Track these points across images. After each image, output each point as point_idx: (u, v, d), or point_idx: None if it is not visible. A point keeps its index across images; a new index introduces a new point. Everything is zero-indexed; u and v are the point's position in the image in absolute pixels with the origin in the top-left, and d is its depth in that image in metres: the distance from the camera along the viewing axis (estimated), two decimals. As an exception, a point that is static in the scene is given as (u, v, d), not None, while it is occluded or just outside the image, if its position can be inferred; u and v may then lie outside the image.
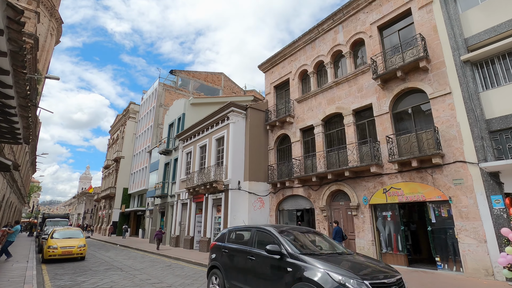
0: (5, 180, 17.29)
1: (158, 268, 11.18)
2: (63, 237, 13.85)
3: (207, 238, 16.37)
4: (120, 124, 47.44)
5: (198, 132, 20.04)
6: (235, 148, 16.14)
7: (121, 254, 16.50)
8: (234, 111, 16.58)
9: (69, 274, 9.84)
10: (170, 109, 26.96)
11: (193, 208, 18.72)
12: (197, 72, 42.18)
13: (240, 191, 15.54)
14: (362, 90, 12.49)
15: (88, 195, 60.19)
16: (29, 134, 10.26)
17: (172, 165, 23.66)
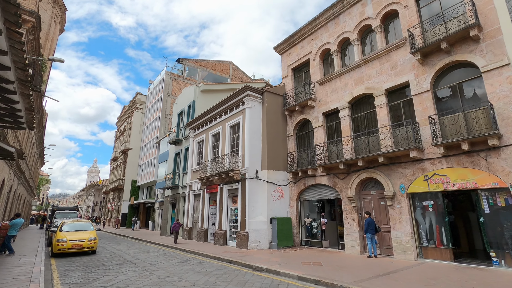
0: (12, 170, 16.57)
1: (175, 263, 10.30)
2: (72, 229, 13.08)
3: (223, 231, 15.48)
4: (127, 115, 46.67)
5: (210, 119, 18.98)
6: (252, 135, 15.06)
7: (133, 247, 15.74)
8: (250, 95, 15.43)
9: (80, 270, 9.01)
10: (179, 97, 25.91)
11: (206, 199, 17.82)
12: (205, 60, 40.94)
13: (258, 180, 14.53)
14: (397, 67, 11.22)
15: (97, 188, 60.10)
16: (32, 118, 9.31)
17: (182, 155, 22.75)
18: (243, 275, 8.18)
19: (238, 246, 13.92)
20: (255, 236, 13.61)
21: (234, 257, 10.86)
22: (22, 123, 9.29)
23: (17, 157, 10.60)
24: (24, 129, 9.85)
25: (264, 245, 13.55)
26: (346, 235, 11.88)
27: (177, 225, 16.50)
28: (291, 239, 13.90)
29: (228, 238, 15.39)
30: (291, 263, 9.57)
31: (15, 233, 12.13)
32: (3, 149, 9.88)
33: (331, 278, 7.31)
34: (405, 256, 9.79)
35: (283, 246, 13.44)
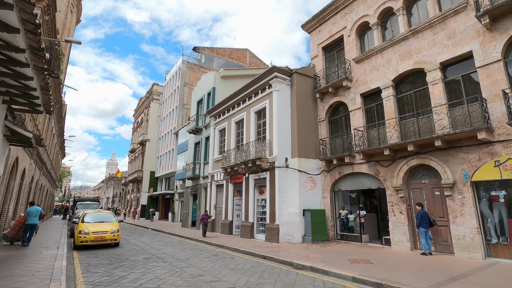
0: (32, 160, 16.18)
1: (205, 258, 9.39)
2: (94, 221, 12.44)
3: (250, 223, 14.52)
4: (144, 106, 46.40)
5: (233, 105, 17.88)
6: (280, 120, 13.86)
7: (156, 239, 15.07)
8: (277, 77, 14.17)
9: (104, 265, 8.23)
10: (197, 85, 24.94)
11: (230, 190, 16.88)
12: (221, 48, 39.74)
13: (288, 169, 13.37)
14: (455, 35, 9.64)
15: (116, 180, 60.89)
16: (49, 100, 8.48)
17: (203, 145, 21.87)
18: (286, 275, 7.13)
19: (268, 240, 12.91)
20: (287, 229, 12.54)
21: (267, 252, 9.84)
22: (39, 105, 8.48)
23: (36, 143, 9.90)
24: (41, 113, 9.07)
25: (297, 238, 12.47)
26: (392, 229, 10.60)
27: (205, 217, 15.40)
28: (325, 233, 12.75)
29: (255, 231, 14.42)
30: (335, 260, 8.44)
31: (34, 221, 11.32)
32: (21, 135, 9.15)
33: (395, 280, 6.12)
34: (470, 255, 8.44)
35: (317, 240, 12.32)
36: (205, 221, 15.12)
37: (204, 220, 15.12)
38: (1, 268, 7.09)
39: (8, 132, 9.09)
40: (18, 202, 14.31)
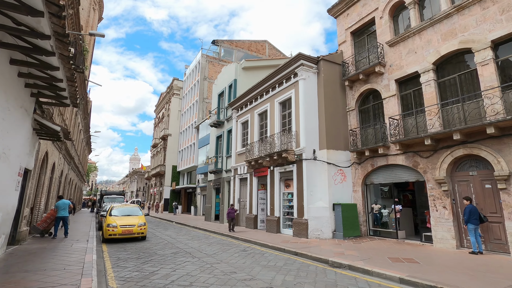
0: (61, 155, 16.56)
1: (234, 253, 9.05)
2: (121, 214, 12.48)
3: (276, 218, 14.07)
4: (165, 102, 46.94)
5: (256, 97, 17.37)
6: (307, 110, 13.19)
7: (181, 233, 15.00)
8: (304, 65, 13.46)
9: (133, 259, 8.08)
10: (218, 77, 24.61)
11: (254, 183, 16.48)
12: (240, 41, 39.17)
13: (316, 161, 12.74)
14: (510, 9, 8.53)
15: (139, 174, 62.51)
16: (76, 92, 8.35)
17: (225, 138, 21.58)
18: (323, 274, 6.61)
19: (296, 235, 12.42)
20: (316, 224, 11.98)
21: (298, 248, 9.36)
22: (65, 98, 8.37)
23: (64, 137, 9.90)
24: (68, 106, 8.99)
25: (327, 234, 11.89)
26: (434, 225, 9.76)
27: (232, 211, 14.94)
28: (357, 228, 12.07)
29: (282, 225, 13.97)
30: (374, 258, 7.80)
31: (63, 214, 11.53)
32: (49, 128, 9.14)
33: (452, 284, 5.44)
34: (529, 255, 7.53)
35: (349, 236, 11.67)
36: (232, 215, 14.65)
37: (230, 214, 14.66)
38: (34, 261, 7.08)
39: (37, 125, 9.11)
40: (49, 196, 14.68)
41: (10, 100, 6.66)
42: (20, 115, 7.53)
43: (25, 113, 7.93)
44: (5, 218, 7.49)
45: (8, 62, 6.16)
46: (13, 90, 6.77)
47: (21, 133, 7.83)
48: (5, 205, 7.33)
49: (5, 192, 7.19)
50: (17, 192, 8.38)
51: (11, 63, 6.21)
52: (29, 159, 9.14)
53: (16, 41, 5.73)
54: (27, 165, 9.00)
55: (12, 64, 6.24)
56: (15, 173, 7.75)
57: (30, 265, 6.59)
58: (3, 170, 6.79)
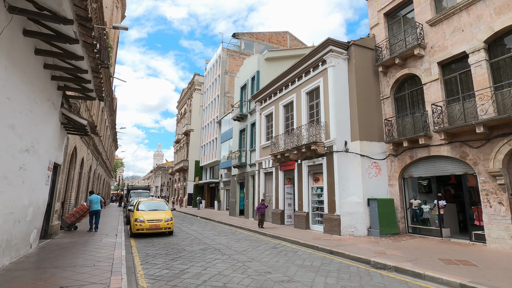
0: (89, 150, 16.86)
1: (264, 251, 8.58)
2: (148, 209, 12.41)
3: (304, 213, 13.45)
4: (187, 97, 47.29)
5: (280, 88, 16.70)
6: (337, 100, 12.37)
7: (207, 228, 14.79)
8: (333, 51, 12.60)
9: (162, 255, 7.83)
10: (240, 70, 24.12)
11: (280, 177, 15.92)
12: (261, 33, 38.41)
13: (348, 154, 11.94)
14: None
15: (163, 169, 63.91)
16: (101, 84, 8.15)
17: (248, 131, 21.12)
18: (368, 276, 5.96)
19: (327, 232, 11.75)
20: (349, 220, 11.24)
21: (333, 246, 8.72)
22: (91, 91, 8.19)
23: (91, 131, 9.83)
24: (94, 99, 8.84)
25: (361, 231, 11.12)
26: (488, 223, 8.73)
27: (262, 206, 14.32)
28: (395, 225, 11.19)
29: (311, 221, 13.34)
30: (422, 259, 7.02)
31: (96, 208, 11.87)
32: (76, 122, 9.06)
33: (529, 293, 4.61)
34: None
35: (386, 234, 10.84)
36: (262, 210, 14.03)
37: (260, 209, 14.05)
38: (65, 256, 6.98)
39: (65, 120, 9.05)
40: (79, 190, 14.97)
41: (37, 92, 6.50)
42: (48, 108, 7.41)
43: (53, 106, 7.83)
44: (36, 212, 7.45)
45: (33, 52, 5.97)
46: (40, 82, 6.61)
47: (49, 127, 7.74)
48: (36, 199, 7.28)
49: (36, 187, 7.12)
50: (48, 186, 8.37)
51: (36, 53, 6.01)
52: (58, 153, 9.13)
53: (40, 29, 5.49)
54: (57, 160, 8.99)
55: (37, 55, 6.04)
56: (45, 167, 7.69)
57: (61, 260, 6.47)
58: (33, 164, 6.69)
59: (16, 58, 5.28)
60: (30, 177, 6.62)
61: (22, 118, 5.78)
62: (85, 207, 11.71)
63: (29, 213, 6.87)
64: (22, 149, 5.96)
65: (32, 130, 6.40)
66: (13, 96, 5.32)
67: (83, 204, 11.87)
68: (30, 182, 6.68)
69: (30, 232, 7.14)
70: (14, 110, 5.39)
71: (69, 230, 11.57)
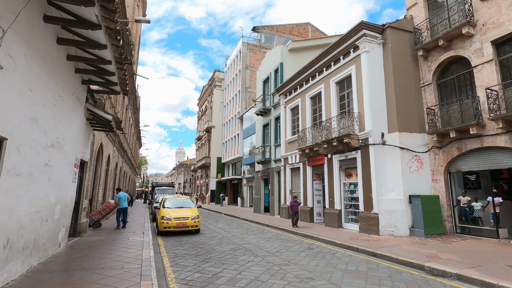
0: (115, 148, 16.93)
1: (299, 252, 7.93)
2: (174, 206, 12.11)
3: (336, 211, 12.63)
4: (207, 94, 47.28)
5: (306, 79, 15.86)
6: (372, 88, 11.39)
7: (233, 225, 14.36)
8: (367, 35, 11.60)
9: (191, 256, 7.39)
10: (262, 63, 23.43)
11: (308, 173, 15.14)
12: (281, 26, 37.40)
13: (386, 146, 10.97)
14: None
15: (186, 166, 64.75)
16: (125, 76, 7.80)
17: (272, 126, 20.44)
18: (429, 286, 5.14)
19: (363, 231, 10.89)
20: (389, 219, 10.31)
21: (375, 248, 7.91)
22: (115, 84, 7.85)
23: (116, 127, 9.59)
24: (118, 93, 8.53)
25: (402, 231, 10.17)
26: (560, 224, 7.54)
27: (295, 204, 12.87)
28: (441, 225, 10.13)
29: (343, 219, 12.50)
30: (487, 265, 6.06)
31: (125, 205, 12.03)
32: (101, 118, 8.81)
33: None
34: None
35: (431, 234, 9.82)
36: (295, 208, 12.98)
37: (294, 207, 12.97)
38: (93, 256, 6.70)
39: (90, 115, 8.84)
40: (106, 187, 15.02)
41: (61, 85, 6.20)
42: (73, 103, 7.14)
43: (77, 101, 7.57)
44: (64, 210, 7.24)
45: (55, 41, 5.63)
46: (63, 74, 6.30)
47: (75, 123, 7.49)
48: (63, 197, 7.06)
49: (62, 184, 6.89)
50: (75, 183, 8.18)
51: (58, 42, 5.67)
52: (85, 150, 8.94)
53: (61, 14, 5.11)
54: (83, 157, 8.80)
55: (59, 44, 5.70)
56: (71, 164, 7.46)
57: (89, 261, 6.17)
58: (58, 161, 6.42)
59: (37, 46, 4.93)
60: (57, 174, 6.36)
61: (45, 112, 5.47)
62: (111, 205, 11.62)
63: (57, 211, 6.64)
64: (47, 145, 5.67)
65: (57, 125, 6.11)
66: (35, 87, 4.98)
67: (110, 201, 11.80)
68: (57, 179, 6.42)
69: (58, 231, 6.93)
70: (37, 103, 5.07)
71: (96, 227, 11.53)
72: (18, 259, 4.80)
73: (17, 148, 4.43)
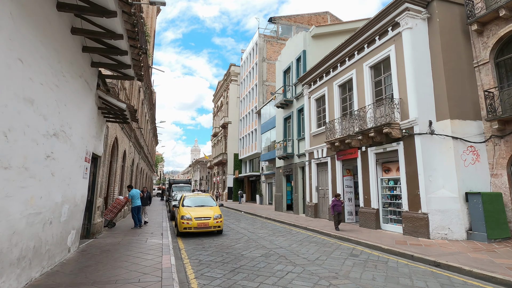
0: (131, 143, 16.20)
1: (343, 260, 6.71)
2: (194, 205, 11.15)
3: (373, 210, 11.28)
4: (223, 89, 46.39)
5: (334, 66, 14.48)
6: (417, 70, 9.92)
7: (257, 225, 13.29)
8: (409, 9, 10.11)
9: (218, 263, 6.34)
10: (282, 52, 22.12)
11: (338, 168, 13.81)
12: (299, 15, 35.82)
13: (434, 136, 9.51)
14: None
15: (202, 163, 64.41)
16: (140, 60, 6.82)
17: (295, 119, 19.15)
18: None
19: (408, 233, 9.51)
20: (441, 220, 8.89)
21: (436, 256, 6.59)
22: (128, 67, 6.86)
23: (130, 117, 8.66)
24: (133, 78, 7.57)
25: (458, 234, 8.73)
26: None
27: (338, 203, 10.94)
28: (506, 227, 8.62)
29: (381, 219, 11.15)
30: None
31: (138, 203, 11.31)
32: (114, 106, 7.87)
33: None
34: None
35: (495, 238, 8.34)
36: (339, 208, 10.91)
37: (337, 207, 10.91)
38: (106, 263, 5.76)
39: (102, 104, 7.93)
40: (122, 185, 14.29)
41: (65, 64, 5.24)
42: (80, 87, 6.20)
43: (87, 86, 6.64)
44: (74, 210, 6.35)
45: (55, 7, 4.65)
46: (67, 51, 5.34)
47: (84, 111, 6.56)
48: (72, 195, 6.16)
49: (71, 180, 5.97)
50: (86, 180, 7.30)
51: (58, 7, 4.68)
52: (97, 143, 8.06)
53: (58, -33, 4.11)
54: (95, 150, 7.92)
55: (60, 10, 4.72)
56: (81, 158, 6.55)
57: (101, 271, 5.22)
58: (65, 153, 5.50)
59: (30, 7, 3.94)
60: (62, 168, 5.44)
61: (45, 92, 4.51)
62: (121, 201, 10.79)
63: (64, 212, 5.73)
64: (48, 133, 4.72)
65: (61, 110, 5.17)
66: (30, 60, 4.01)
67: (119, 197, 10.95)
68: (63, 175, 5.50)
69: (67, 234, 6.03)
70: (32, 80, 4.10)
71: (110, 227, 10.74)
72: (12, 273, 3.86)
73: (4, 134, 3.47)
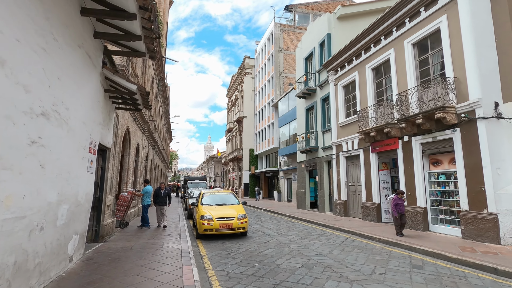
0: (145, 137, 15.21)
1: (407, 273, 5.32)
2: (215, 203, 9.96)
3: (420, 209, 9.75)
4: (237, 83, 45.13)
5: (366, 47, 12.90)
6: (478, 42, 8.27)
7: (282, 225, 12.02)
8: (467, -30, 8.44)
9: (250, 277, 5.08)
10: (303, 39, 20.55)
11: (372, 161, 12.30)
12: (317, 2, 33.96)
13: (501, 120, 7.89)
14: None
15: (216, 160, 63.64)
16: (152, 32, 5.61)
17: (318, 109, 17.63)
18: None
19: (469, 237, 7.96)
20: (515, 222, 7.31)
21: (529, 270, 5.08)
22: (138, 38, 5.64)
23: (142, 103, 7.50)
24: (144, 55, 6.36)
25: (538, 239, 7.12)
26: None
27: (401, 202, 8.75)
28: None
29: (430, 220, 9.61)
30: None
31: (149, 201, 10.46)
32: (123, 89, 6.71)
33: None
34: None
35: None
36: (402, 208, 8.75)
37: (399, 207, 8.72)
38: (114, 278, 4.61)
39: (110, 87, 6.79)
40: (136, 181, 13.30)
41: (56, 24, 4.06)
42: (80, 60, 5.03)
43: (89, 60, 5.48)
44: (75, 211, 5.23)
45: None
46: (59, 8, 4.15)
47: (86, 90, 5.41)
48: (73, 193, 5.03)
49: (70, 174, 4.84)
50: (92, 174, 6.18)
51: None
52: (105, 132, 6.94)
53: None
54: (103, 141, 6.81)
55: None
56: (83, 148, 5.41)
57: (106, 290, 4.06)
58: (60, 140, 4.35)
59: None
60: (57, 159, 4.29)
61: (25, 53, 3.33)
62: (126, 197, 9.70)
63: (62, 214, 4.61)
64: (33, 111, 3.55)
65: (51, 83, 4.00)
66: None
67: (122, 194, 9.84)
68: (58, 167, 4.36)
69: (67, 241, 4.92)
70: None
71: (123, 227, 9.71)
72: (-24, 304, 2.71)
73: None
